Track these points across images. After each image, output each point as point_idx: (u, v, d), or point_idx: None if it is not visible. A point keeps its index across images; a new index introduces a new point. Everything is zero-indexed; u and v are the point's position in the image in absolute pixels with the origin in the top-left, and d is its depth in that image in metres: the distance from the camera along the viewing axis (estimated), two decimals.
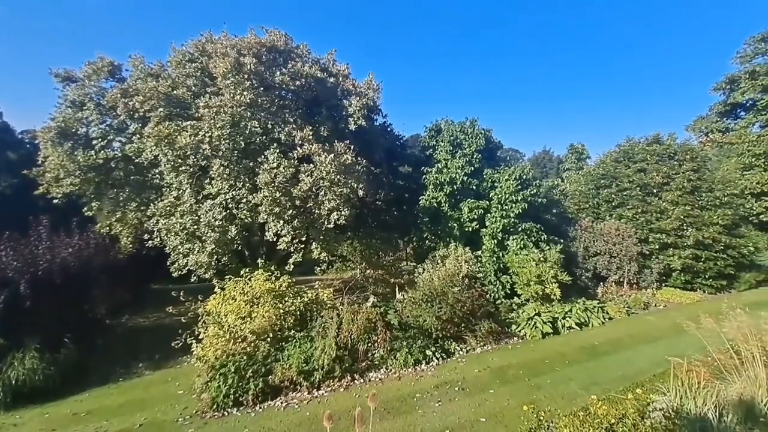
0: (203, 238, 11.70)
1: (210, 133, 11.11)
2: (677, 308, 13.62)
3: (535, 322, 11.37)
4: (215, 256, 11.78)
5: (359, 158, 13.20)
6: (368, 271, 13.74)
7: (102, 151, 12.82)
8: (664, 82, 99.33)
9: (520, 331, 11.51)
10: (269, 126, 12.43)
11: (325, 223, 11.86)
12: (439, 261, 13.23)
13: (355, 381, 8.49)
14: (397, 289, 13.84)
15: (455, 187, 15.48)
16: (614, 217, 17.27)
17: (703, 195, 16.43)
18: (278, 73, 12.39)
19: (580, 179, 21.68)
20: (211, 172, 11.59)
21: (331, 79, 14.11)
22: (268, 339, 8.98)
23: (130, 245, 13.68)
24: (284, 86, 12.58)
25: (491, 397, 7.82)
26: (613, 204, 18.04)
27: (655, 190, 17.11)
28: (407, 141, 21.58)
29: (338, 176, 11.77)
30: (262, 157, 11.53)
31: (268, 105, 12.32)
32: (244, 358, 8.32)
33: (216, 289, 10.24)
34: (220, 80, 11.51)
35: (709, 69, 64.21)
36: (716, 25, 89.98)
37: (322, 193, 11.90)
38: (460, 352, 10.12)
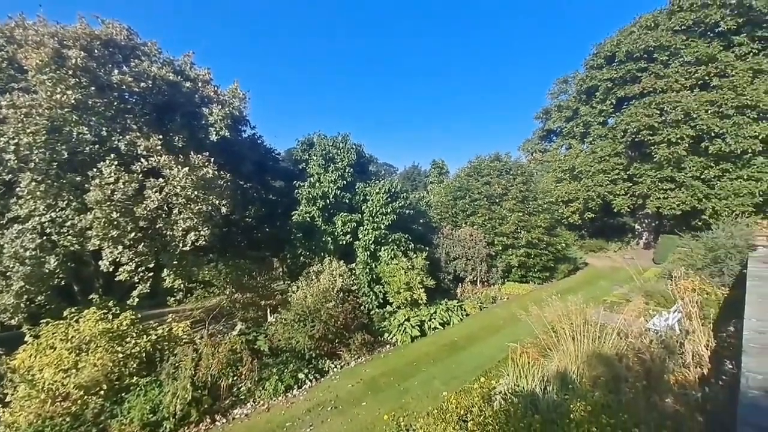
0: (7, 273, 9.19)
1: (16, 140, 8.84)
2: (516, 299, 16.24)
3: (405, 328, 12.13)
4: (25, 296, 9.34)
5: (223, 172, 12.20)
6: (236, 295, 12.67)
7: None
8: (506, 109, 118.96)
9: (392, 338, 12.11)
10: (105, 133, 10.51)
11: (180, 245, 10.53)
12: (314, 277, 13.06)
13: (217, 423, 7.63)
14: (269, 311, 13.11)
15: (328, 201, 15.57)
16: (468, 224, 19.75)
17: (530, 203, 20.10)
18: (117, 71, 10.62)
19: (441, 191, 24.28)
20: (19, 188, 9.20)
21: (188, 84, 12.75)
22: (102, 392, 7.46)
23: None
24: (125, 87, 10.84)
25: (363, 410, 7.97)
26: (467, 213, 20.66)
27: (497, 200, 20.23)
28: (280, 155, 20.91)
29: (196, 192, 10.61)
30: (95, 170, 9.65)
31: (102, 108, 10.43)
32: (68, 420, 6.74)
33: (27, 338, 8.12)
34: (33, 75, 9.27)
35: (537, 101, 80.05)
36: (544, 64, 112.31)
37: (176, 211, 10.56)
38: (335, 369, 10.07)
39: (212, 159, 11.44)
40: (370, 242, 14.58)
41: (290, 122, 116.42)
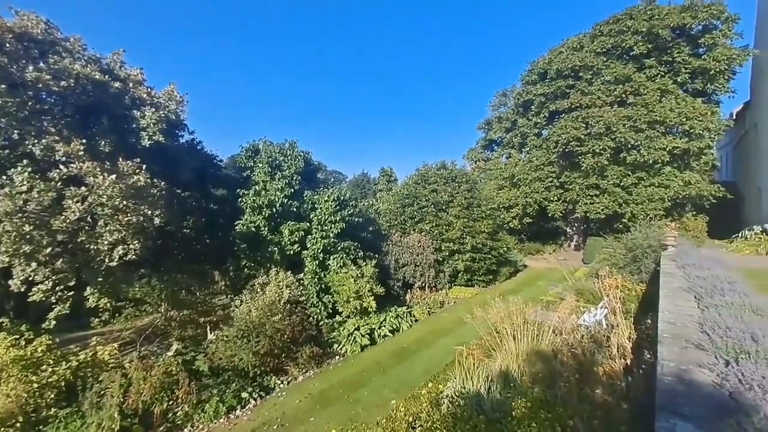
0: None
1: None
2: (462, 302, 16.74)
3: (355, 337, 12.02)
4: None
5: (157, 179, 11.38)
6: (172, 313, 11.78)
7: None
8: (454, 119, 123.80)
9: (341, 349, 11.93)
10: (16, 136, 9.39)
11: (107, 260, 9.62)
12: (259, 290, 12.54)
13: None
14: (209, 328, 12.34)
15: (275, 209, 15.11)
16: (417, 230, 20.15)
17: (475, 210, 21.00)
18: (32, 68, 9.56)
19: (390, 199, 24.59)
20: None
21: (117, 84, 11.80)
22: (18, 424, 6.54)
23: None
24: (42, 86, 9.77)
25: (312, 426, 7.72)
26: (416, 220, 21.08)
27: (444, 207, 20.89)
28: (223, 162, 19.97)
29: (125, 201, 9.78)
30: (4, 177, 8.57)
31: (14, 109, 9.30)
32: None
33: None
34: None
35: (480, 111, 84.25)
36: (486, 77, 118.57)
37: (102, 223, 9.66)
38: (281, 385, 9.69)
39: (144, 166, 10.65)
40: (319, 251, 14.33)
41: (235, 129, 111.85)
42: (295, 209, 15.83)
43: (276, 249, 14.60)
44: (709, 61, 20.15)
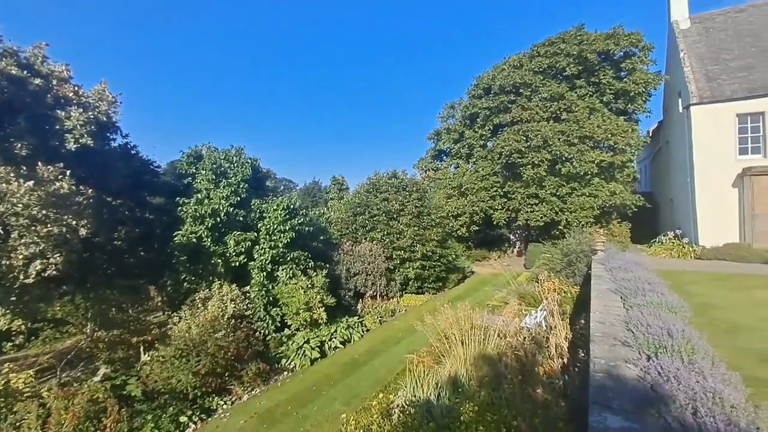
0: None
1: None
2: (413, 310, 16.93)
3: (304, 350, 11.66)
4: None
5: (83, 186, 10.39)
6: (99, 333, 10.66)
7: None
8: (404, 128, 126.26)
9: (290, 364, 11.50)
10: None
11: (21, 276, 8.55)
12: (201, 305, 11.78)
13: None
14: (142, 349, 11.34)
15: (219, 219, 14.34)
16: (368, 239, 20.16)
17: (425, 218, 21.47)
18: None
19: (342, 207, 24.41)
20: None
21: (38, 81, 10.70)
22: None
23: None
24: None
25: None
26: (367, 228, 21.09)
27: (395, 215, 21.12)
28: (161, 168, 18.70)
29: (44, 210, 8.80)
30: None
31: None
32: None
33: None
34: None
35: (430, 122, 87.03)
36: (436, 89, 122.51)
37: (16, 234, 8.59)
38: (225, 406, 9.12)
39: (69, 171, 9.69)
40: (267, 262, 13.81)
41: (178, 135, 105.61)
42: (241, 218, 15.15)
43: (220, 261, 13.83)
44: (630, 83, 22.50)
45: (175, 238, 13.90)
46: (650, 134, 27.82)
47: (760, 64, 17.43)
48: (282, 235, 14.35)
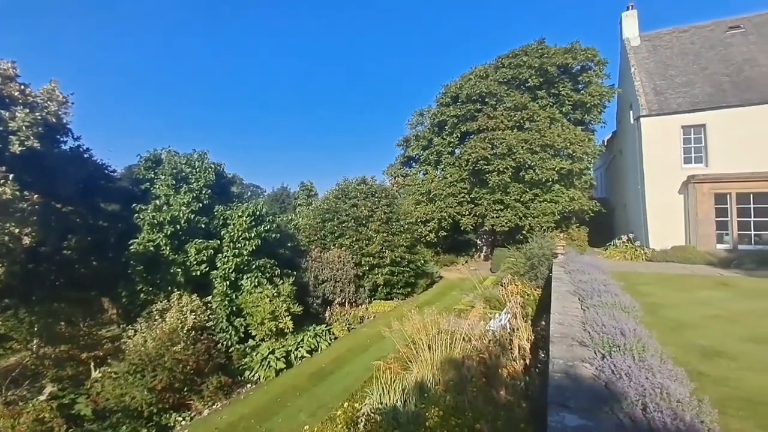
0: None
1: None
2: (382, 317, 16.87)
3: (269, 361, 11.30)
4: None
5: (29, 192, 9.69)
6: (46, 350, 9.86)
7: None
8: (373, 134, 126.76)
9: (254, 375, 11.11)
10: None
11: None
12: (158, 317, 11.15)
13: None
14: (93, 365, 10.61)
15: (179, 226, 13.73)
16: (337, 246, 19.97)
17: (394, 224, 21.56)
18: None
19: (310, 214, 24.10)
20: None
21: None
22: None
23: None
24: None
25: None
26: (336, 235, 20.91)
27: (364, 222, 21.07)
28: (116, 172, 17.75)
29: None
30: None
31: None
32: None
33: None
34: None
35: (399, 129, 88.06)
36: (404, 96, 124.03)
37: None
38: (183, 422, 8.67)
39: (12, 175, 9.02)
40: (231, 271, 13.33)
41: (142, 137, 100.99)
42: (203, 225, 14.59)
43: (180, 270, 13.19)
44: (586, 95, 23.78)
45: (131, 247, 13.13)
46: (605, 143, 29.51)
47: (700, 80, 18.92)
48: (247, 242, 13.91)
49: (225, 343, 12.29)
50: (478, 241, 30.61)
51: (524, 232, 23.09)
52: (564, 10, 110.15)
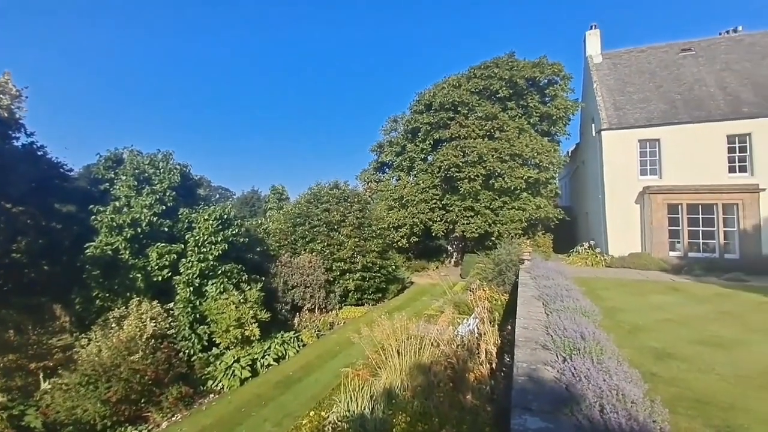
0: None
1: None
2: (352, 322, 16.70)
3: (234, 370, 10.92)
4: None
5: None
6: None
7: None
8: (348, 140, 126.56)
9: (217, 385, 10.68)
10: None
11: None
12: (115, 324, 10.57)
13: None
14: (42, 376, 9.89)
15: (140, 229, 13.14)
16: (308, 250, 19.69)
17: (366, 229, 21.51)
18: None
19: (281, 218, 23.66)
20: None
21: None
22: None
23: None
24: None
25: None
26: (307, 239, 20.61)
27: (336, 227, 20.92)
28: (73, 171, 16.79)
29: None
30: None
31: None
32: None
33: None
34: None
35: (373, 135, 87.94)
36: (377, 101, 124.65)
37: None
38: None
39: None
40: (195, 276, 12.84)
41: (106, 137, 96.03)
42: (167, 229, 14.02)
43: (140, 275, 12.58)
44: (552, 108, 24.83)
45: (87, 251, 12.40)
46: (569, 154, 30.86)
47: (655, 98, 20.18)
48: (213, 246, 13.45)
49: (187, 351, 11.77)
50: (449, 247, 31.04)
51: (493, 238, 23.64)
52: (533, 25, 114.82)
